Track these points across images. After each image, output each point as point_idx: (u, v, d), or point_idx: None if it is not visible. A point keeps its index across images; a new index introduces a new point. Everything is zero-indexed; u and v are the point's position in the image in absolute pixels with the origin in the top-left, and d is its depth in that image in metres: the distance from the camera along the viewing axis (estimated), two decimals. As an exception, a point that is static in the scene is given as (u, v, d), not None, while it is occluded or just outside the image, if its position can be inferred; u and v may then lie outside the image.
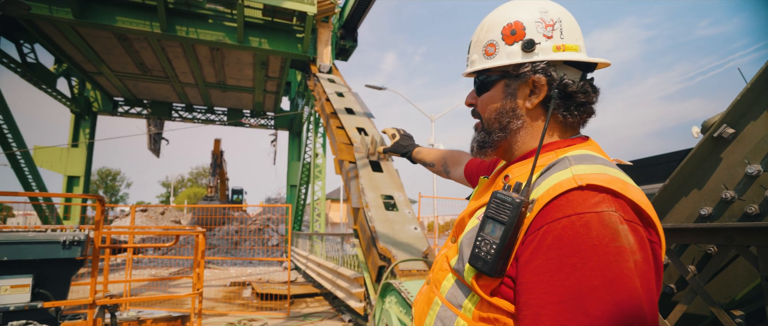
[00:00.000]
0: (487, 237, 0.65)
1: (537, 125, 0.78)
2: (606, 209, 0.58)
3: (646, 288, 0.55)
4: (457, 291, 0.73)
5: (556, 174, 0.65)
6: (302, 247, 11.23)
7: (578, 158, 0.68)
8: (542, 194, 0.63)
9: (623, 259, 0.54)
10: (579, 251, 0.55)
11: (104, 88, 15.22)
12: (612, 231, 0.56)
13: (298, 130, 17.80)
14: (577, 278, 0.54)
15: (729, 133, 1.55)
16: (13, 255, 2.78)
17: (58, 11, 9.22)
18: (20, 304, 2.76)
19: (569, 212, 0.58)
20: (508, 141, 0.81)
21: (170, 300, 7.10)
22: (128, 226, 6.51)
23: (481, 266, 0.65)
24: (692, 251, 1.70)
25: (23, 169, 11.51)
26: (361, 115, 8.05)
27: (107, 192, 45.63)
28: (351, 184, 6.14)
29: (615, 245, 0.55)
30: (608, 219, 0.57)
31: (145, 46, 11.69)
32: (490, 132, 0.82)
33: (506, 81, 0.79)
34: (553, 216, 0.60)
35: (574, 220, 0.57)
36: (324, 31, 10.70)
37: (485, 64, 0.80)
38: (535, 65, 0.75)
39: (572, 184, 0.61)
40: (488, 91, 0.82)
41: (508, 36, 0.78)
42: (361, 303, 5.43)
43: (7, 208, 17.06)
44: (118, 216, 19.68)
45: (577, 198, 0.59)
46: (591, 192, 0.60)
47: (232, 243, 15.84)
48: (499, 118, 0.80)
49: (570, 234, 0.57)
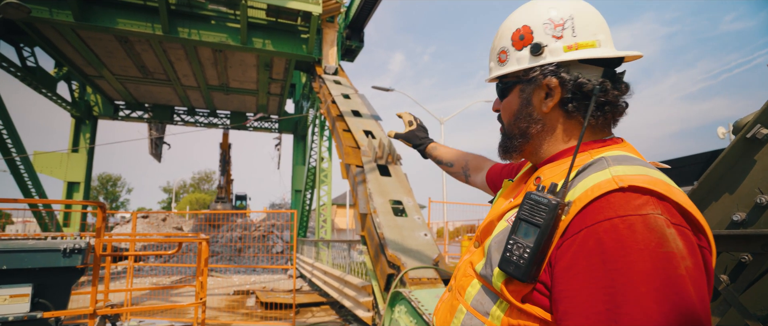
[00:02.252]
0: (520, 241, 0.63)
1: (558, 128, 0.77)
2: (651, 212, 0.55)
3: (700, 297, 0.52)
4: (484, 297, 0.71)
5: (594, 175, 0.63)
6: (308, 254, 11.00)
7: (616, 159, 0.66)
8: (580, 196, 0.60)
9: (672, 265, 0.51)
10: (624, 256, 0.52)
11: (105, 91, 15.08)
12: (659, 234, 0.53)
13: (303, 134, 17.61)
14: (622, 285, 0.51)
15: (763, 134, 1.47)
16: (12, 263, 2.74)
17: (58, 14, 9.10)
18: (19, 314, 2.73)
19: (611, 214, 0.55)
20: (532, 145, 0.80)
21: (172, 310, 6.88)
22: (129, 233, 6.29)
23: (513, 271, 0.63)
24: (724, 259, 1.61)
25: (23, 175, 11.35)
26: (368, 118, 7.84)
27: (108, 198, 45.56)
28: (358, 189, 5.92)
29: (663, 250, 0.52)
30: (654, 223, 0.54)
31: (146, 48, 11.54)
32: (511, 137, 0.82)
33: (520, 86, 0.79)
34: (593, 218, 0.57)
35: (616, 223, 0.54)
36: (329, 31, 10.50)
37: (499, 71, 0.81)
38: (544, 68, 0.74)
39: (612, 185, 0.58)
40: (507, 97, 0.82)
41: (517, 41, 0.78)
42: (370, 313, 5.26)
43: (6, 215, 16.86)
44: (119, 223, 19.47)
45: (619, 200, 0.57)
46: (634, 194, 0.57)
47: (235, 251, 15.59)
48: (517, 122, 0.80)
49: (613, 238, 0.54)
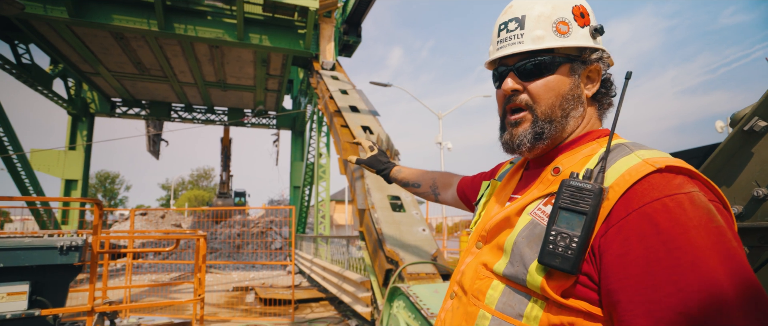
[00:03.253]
0: (565, 231, 0.60)
1: (589, 114, 0.77)
2: (692, 189, 0.56)
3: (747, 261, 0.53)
4: (512, 299, 0.66)
5: (622, 160, 0.63)
6: (306, 250, 11.01)
7: (634, 144, 0.67)
8: (617, 180, 0.60)
9: (727, 237, 0.52)
10: (683, 233, 0.52)
11: (101, 88, 14.98)
12: (706, 210, 0.54)
13: (301, 130, 17.56)
14: (689, 262, 0.50)
15: (761, 126, 1.46)
16: (9, 261, 2.75)
17: (52, 10, 9.02)
18: (17, 312, 2.73)
19: (658, 195, 0.56)
20: (565, 130, 0.75)
21: (171, 307, 6.89)
22: (127, 231, 6.29)
23: (560, 263, 0.59)
24: None
25: (20, 173, 11.31)
26: (366, 113, 7.82)
27: (106, 195, 45.45)
28: (356, 185, 5.91)
29: (715, 225, 0.53)
30: (699, 200, 0.55)
31: (142, 44, 11.46)
32: (553, 120, 0.74)
33: (572, 65, 0.74)
34: (641, 201, 0.56)
35: (666, 203, 0.54)
36: (326, 26, 10.44)
37: (558, 43, 0.73)
38: (599, 52, 0.75)
39: (649, 168, 0.59)
40: (549, 75, 0.74)
41: (579, 18, 0.75)
42: (368, 308, 5.27)
43: (4, 213, 16.83)
44: (117, 221, 19.45)
45: (659, 181, 0.57)
46: (671, 175, 0.58)
47: (234, 247, 15.60)
48: (564, 105, 0.74)
49: (666, 218, 0.53)
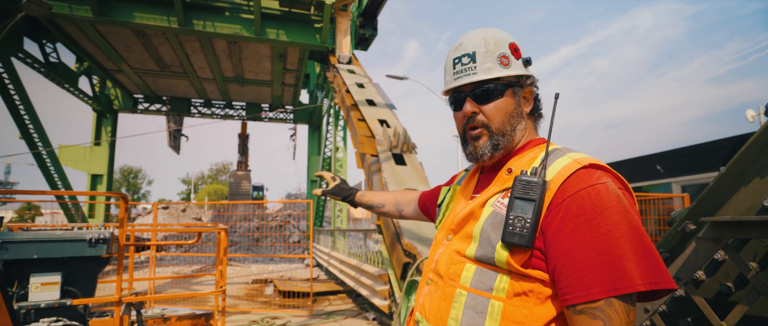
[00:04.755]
0: (520, 215, 0.76)
1: (528, 126, 0.95)
2: (606, 180, 0.74)
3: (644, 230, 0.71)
4: (484, 276, 0.81)
5: (558, 161, 0.80)
6: (324, 244, 11.11)
7: (566, 149, 0.85)
8: (555, 176, 0.77)
9: (630, 214, 0.71)
10: (600, 213, 0.70)
11: (124, 85, 15.37)
12: (616, 195, 0.72)
13: (317, 124, 17.67)
14: (605, 233, 0.69)
15: None
16: (42, 253, 2.85)
17: (77, 9, 9.29)
18: (50, 301, 2.83)
19: (583, 185, 0.73)
20: (513, 140, 0.93)
21: (194, 298, 7.05)
22: (151, 224, 6.45)
23: (519, 240, 0.75)
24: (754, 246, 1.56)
25: (49, 168, 11.70)
26: (382, 107, 7.80)
27: (129, 190, 46.82)
28: (373, 178, 5.91)
29: (622, 205, 0.71)
30: (611, 188, 0.73)
31: (163, 41, 11.68)
32: (504, 134, 0.91)
33: (513, 89, 0.92)
34: (571, 190, 0.74)
35: (589, 191, 0.72)
36: (343, 20, 10.43)
37: (503, 72, 0.90)
38: (531, 79, 0.95)
39: (577, 166, 0.77)
40: (498, 99, 0.91)
41: (514, 52, 0.93)
42: (386, 301, 5.28)
43: (36, 207, 17.52)
44: (140, 214, 20.02)
45: (584, 175, 0.75)
46: (592, 169, 0.77)
47: (253, 240, 15.87)
48: (511, 121, 0.91)
49: (589, 202, 0.72)
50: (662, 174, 8.71)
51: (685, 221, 1.62)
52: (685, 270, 1.59)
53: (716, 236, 1.50)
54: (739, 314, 1.44)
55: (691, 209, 1.64)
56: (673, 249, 1.65)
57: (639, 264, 0.67)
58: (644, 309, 1.69)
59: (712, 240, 1.52)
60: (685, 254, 1.60)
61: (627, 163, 10.07)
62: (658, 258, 0.69)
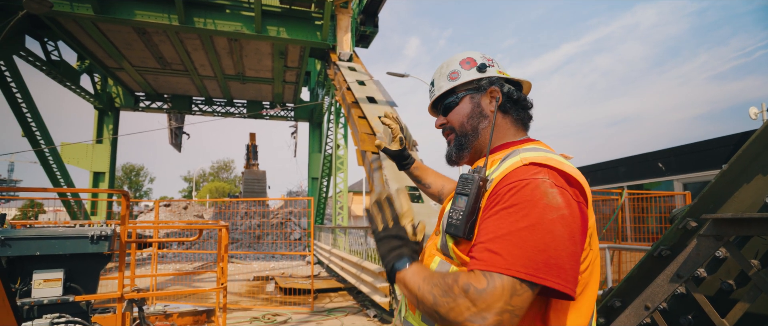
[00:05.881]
0: (457, 207, 0.85)
1: (499, 125, 1.01)
2: (541, 177, 0.77)
3: (570, 235, 0.74)
4: (442, 267, 0.90)
5: (510, 160, 0.86)
6: (325, 241, 11.12)
7: (527, 150, 0.90)
8: (498, 174, 0.84)
9: (547, 212, 0.73)
10: (515, 204, 0.76)
11: (125, 83, 15.38)
12: (542, 192, 0.75)
13: (318, 121, 17.64)
14: (510, 222, 0.75)
15: None
16: (45, 250, 2.86)
17: (78, 7, 9.29)
18: (53, 298, 2.84)
19: (514, 179, 0.79)
20: (479, 141, 1.01)
21: (195, 295, 7.08)
22: (153, 221, 6.46)
23: (454, 231, 0.84)
24: (755, 243, 1.56)
25: (52, 166, 11.74)
26: (383, 104, 7.79)
27: (131, 187, 46.93)
28: (374, 176, 5.91)
29: (543, 202, 0.74)
30: (541, 183, 0.76)
31: (163, 39, 11.67)
32: (466, 134, 1.02)
33: (471, 95, 1.03)
34: (503, 184, 0.80)
35: (516, 184, 0.77)
36: (343, 17, 10.40)
37: (451, 85, 1.05)
38: (490, 78, 1.03)
39: (520, 163, 0.82)
40: (457, 107, 1.05)
41: (465, 65, 1.06)
42: (387, 298, 5.29)
43: (39, 204, 17.59)
44: (142, 211, 20.08)
45: (520, 171, 0.80)
46: (532, 166, 0.80)
47: (254, 238, 15.90)
48: (471, 121, 1.02)
49: (511, 193, 0.77)
50: (664, 171, 8.69)
51: (686, 218, 1.61)
52: (686, 267, 1.58)
53: (718, 233, 1.49)
54: (740, 312, 1.44)
55: (693, 206, 1.63)
56: (675, 246, 1.64)
57: (526, 254, 0.71)
58: (644, 306, 1.69)
59: (714, 238, 1.51)
60: (686, 251, 1.60)
61: (628, 161, 10.05)
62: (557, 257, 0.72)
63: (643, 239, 7.39)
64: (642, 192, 7.50)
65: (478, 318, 0.70)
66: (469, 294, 0.72)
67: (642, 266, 1.73)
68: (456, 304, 0.73)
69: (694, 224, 1.58)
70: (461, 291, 0.73)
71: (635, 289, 1.73)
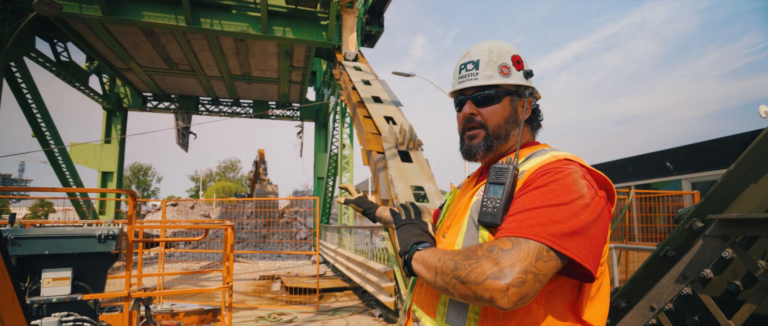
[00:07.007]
0: (492, 197, 0.85)
1: (524, 132, 1.04)
2: (574, 168, 0.83)
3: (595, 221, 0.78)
4: None
5: (539, 157, 0.90)
6: (330, 241, 11.15)
7: (553, 150, 0.95)
8: (530, 167, 0.87)
9: (577, 196, 0.78)
10: (548, 184, 0.80)
11: (133, 83, 15.53)
12: (574, 179, 0.80)
13: (324, 121, 17.69)
14: (542, 199, 0.78)
15: None
16: (53, 249, 2.89)
17: (87, 9, 9.40)
18: (61, 296, 2.87)
19: (549, 168, 0.83)
20: (505, 144, 1.01)
21: (202, 294, 7.13)
22: (160, 220, 6.52)
23: (491, 219, 0.83)
24: (762, 244, 1.54)
25: (61, 166, 11.88)
26: (389, 104, 7.79)
27: (139, 187, 47.38)
28: (380, 175, 5.92)
29: (575, 188, 0.79)
30: (574, 172, 0.82)
31: (171, 40, 11.77)
32: (498, 137, 1.00)
33: (511, 97, 1.01)
34: (537, 173, 0.84)
35: (551, 171, 0.82)
36: (349, 17, 10.41)
37: (502, 81, 0.99)
38: (530, 89, 1.03)
39: (553, 158, 0.86)
40: (496, 104, 1.00)
41: (516, 64, 1.02)
42: (392, 298, 5.29)
43: (49, 204, 17.82)
44: (150, 211, 20.25)
45: (554, 163, 0.85)
46: (566, 161, 0.85)
47: (260, 237, 15.98)
48: (506, 125, 1.00)
49: (545, 177, 0.82)
50: (672, 171, 8.60)
51: (692, 218, 1.60)
52: (692, 268, 1.57)
53: (724, 234, 1.48)
54: (746, 313, 1.42)
55: (699, 206, 1.61)
56: (680, 246, 1.62)
57: (555, 225, 0.74)
58: (650, 307, 1.67)
59: (720, 238, 1.50)
60: (692, 252, 1.58)
61: (636, 160, 9.95)
62: (584, 234, 0.75)
63: (651, 239, 7.32)
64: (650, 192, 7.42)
65: (500, 274, 0.70)
66: (492, 254, 0.73)
67: (647, 266, 1.71)
68: (479, 265, 0.72)
69: (700, 224, 1.56)
70: (485, 252, 0.74)
71: (641, 290, 1.72)
